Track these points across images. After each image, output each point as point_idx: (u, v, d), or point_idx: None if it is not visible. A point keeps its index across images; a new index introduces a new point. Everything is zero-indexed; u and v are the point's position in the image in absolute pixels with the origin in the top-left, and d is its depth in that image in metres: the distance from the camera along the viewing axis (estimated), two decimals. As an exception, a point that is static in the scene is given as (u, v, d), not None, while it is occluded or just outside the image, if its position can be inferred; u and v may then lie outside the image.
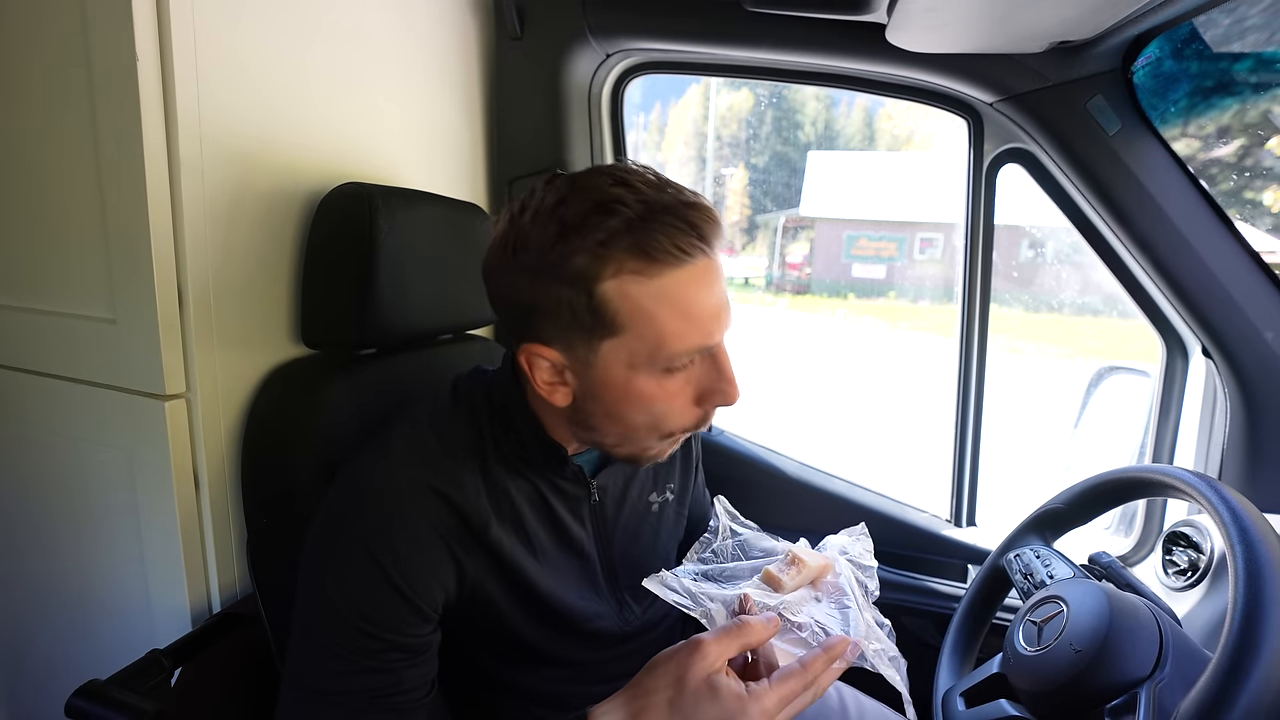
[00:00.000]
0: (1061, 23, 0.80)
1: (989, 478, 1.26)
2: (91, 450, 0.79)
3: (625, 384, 0.59)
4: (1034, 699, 0.65)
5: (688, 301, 0.56)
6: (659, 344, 0.57)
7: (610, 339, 0.57)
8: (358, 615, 0.57)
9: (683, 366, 0.59)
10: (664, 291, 0.55)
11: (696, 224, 0.56)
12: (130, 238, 0.69)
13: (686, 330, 0.57)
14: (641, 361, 0.58)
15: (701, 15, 1.05)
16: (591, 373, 0.59)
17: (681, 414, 0.62)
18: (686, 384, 0.60)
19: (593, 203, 0.55)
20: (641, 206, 0.54)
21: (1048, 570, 0.76)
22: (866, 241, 11.13)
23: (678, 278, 0.56)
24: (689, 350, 0.58)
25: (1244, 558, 0.54)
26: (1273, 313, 0.92)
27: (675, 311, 0.56)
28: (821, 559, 0.65)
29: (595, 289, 0.55)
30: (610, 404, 0.60)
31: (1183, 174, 0.94)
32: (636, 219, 0.54)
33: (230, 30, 0.73)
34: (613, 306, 0.56)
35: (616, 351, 0.58)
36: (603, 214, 0.54)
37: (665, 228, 0.54)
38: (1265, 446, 0.95)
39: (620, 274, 0.55)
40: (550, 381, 0.61)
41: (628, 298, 0.55)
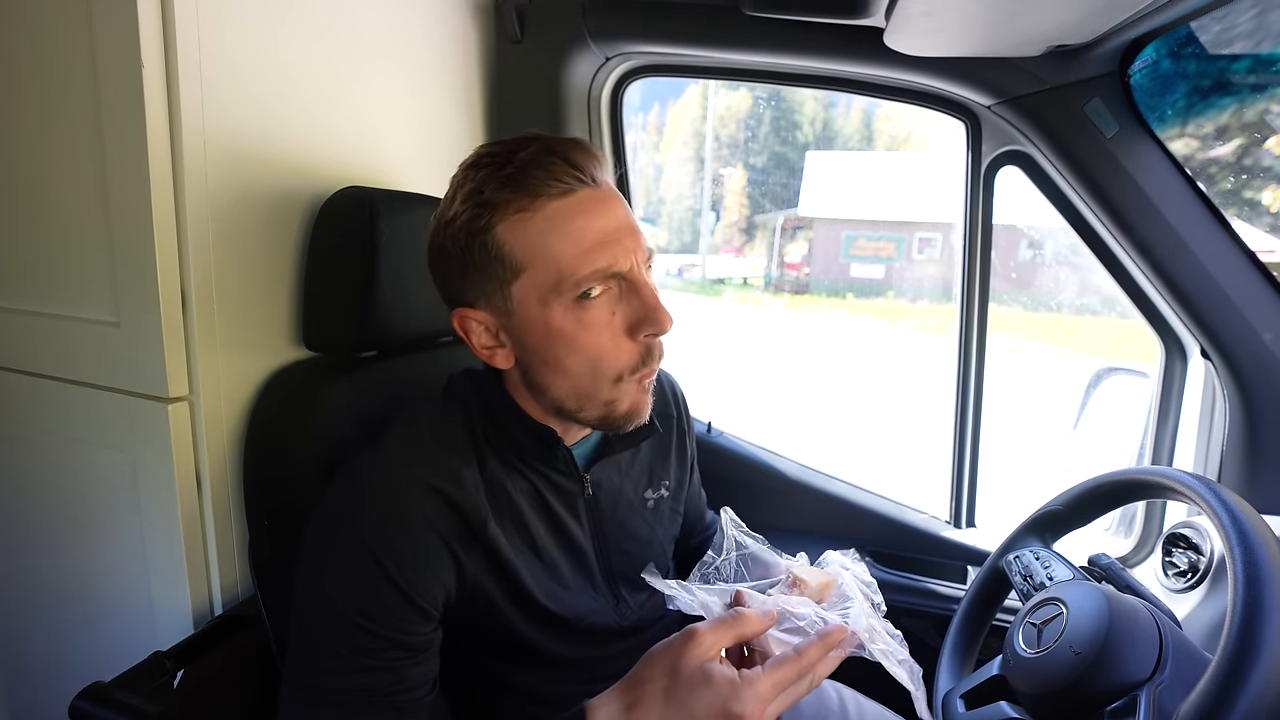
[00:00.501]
0: (1058, 26, 0.81)
1: (990, 479, 1.26)
2: (94, 453, 0.79)
3: (545, 322, 0.61)
4: (1034, 701, 0.66)
5: (576, 228, 0.59)
6: (557, 272, 0.59)
7: (516, 281, 0.60)
8: (358, 613, 0.57)
9: (594, 295, 0.60)
10: (549, 222, 0.59)
11: (567, 155, 0.59)
12: (134, 241, 0.69)
13: (580, 254, 0.59)
14: (550, 295, 0.60)
15: (700, 19, 1.05)
16: (514, 320, 0.62)
17: (617, 350, 0.62)
18: (609, 316, 0.61)
19: (466, 167, 0.62)
20: (507, 155, 0.60)
21: (1047, 572, 0.76)
22: (865, 241, 11.14)
23: (560, 207, 0.59)
24: (590, 273, 0.59)
25: (1243, 560, 0.54)
26: (1271, 314, 0.92)
27: (565, 238, 0.59)
28: (823, 576, 0.65)
29: (489, 236, 0.59)
30: (542, 350, 0.62)
31: (1180, 176, 0.94)
32: (508, 163, 0.59)
33: (234, 35, 0.73)
34: (507, 247, 0.59)
35: (526, 292, 0.60)
36: (473, 170, 0.61)
37: (534, 164, 0.59)
38: (1264, 448, 0.95)
39: (507, 214, 0.59)
40: (488, 345, 0.64)
41: (518, 236, 0.59)
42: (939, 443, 1.28)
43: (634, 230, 0.62)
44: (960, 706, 0.76)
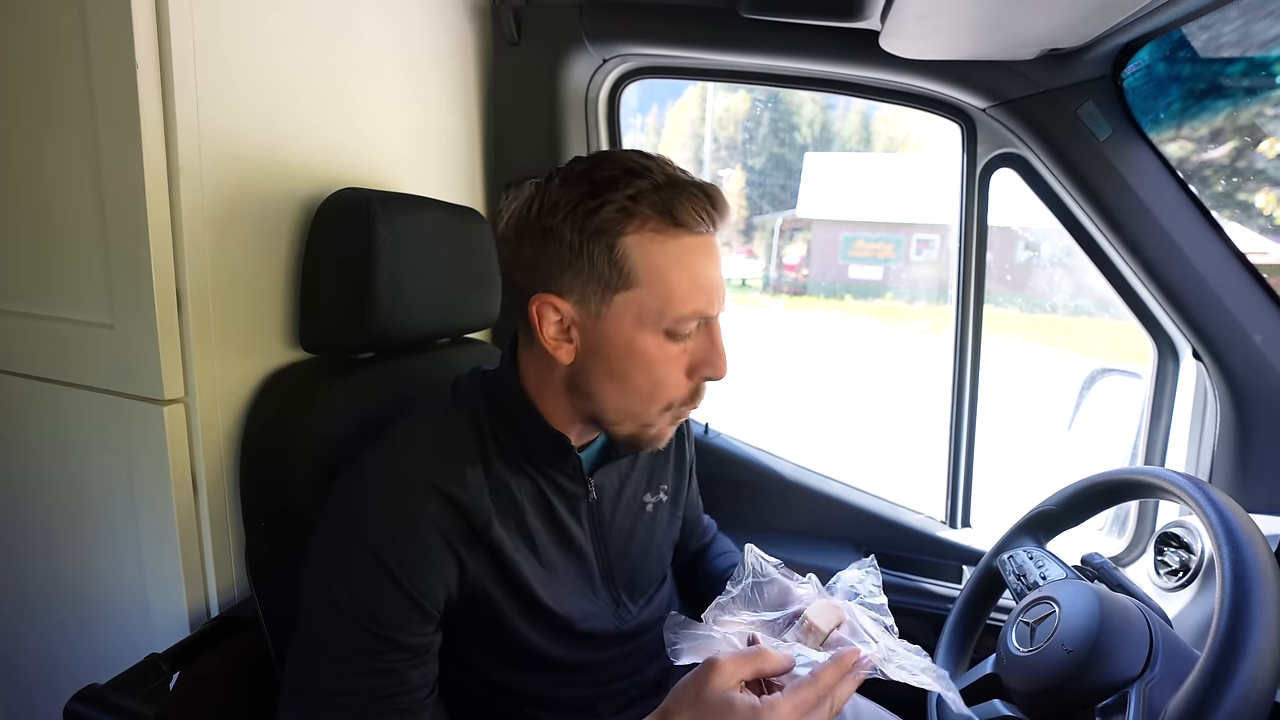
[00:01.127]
0: (1052, 30, 0.81)
1: (987, 479, 1.27)
2: (90, 455, 0.79)
3: (630, 340, 0.62)
4: (1027, 699, 0.66)
5: (697, 268, 0.61)
6: (667, 302, 0.61)
7: (624, 292, 0.61)
8: (364, 615, 0.58)
9: (684, 334, 0.63)
10: (679, 254, 0.60)
11: (713, 198, 0.61)
12: (129, 243, 0.69)
13: (693, 295, 0.61)
14: (649, 319, 0.61)
15: (697, 21, 1.06)
16: (600, 326, 0.62)
17: (676, 383, 0.65)
18: (683, 353, 0.64)
19: (623, 168, 0.60)
20: (665, 176, 0.60)
21: (1041, 571, 0.77)
22: (863, 243, 11.15)
23: (691, 244, 0.61)
24: (693, 314, 0.62)
25: (1231, 559, 0.54)
26: (1261, 316, 0.93)
27: (686, 275, 0.61)
28: (834, 614, 0.65)
29: (618, 242, 0.59)
30: (614, 360, 0.63)
31: (1172, 179, 0.95)
32: (664, 183, 0.60)
33: (229, 36, 0.73)
34: (631, 260, 0.60)
35: (627, 305, 0.61)
36: (633, 175, 0.60)
37: (688, 196, 0.60)
38: (1255, 448, 0.96)
39: (642, 230, 0.59)
40: (556, 337, 0.64)
41: (646, 254, 0.60)
42: (937, 442, 1.28)
43: (723, 281, 0.65)
44: (953, 707, 0.76)
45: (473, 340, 1.03)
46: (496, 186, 1.22)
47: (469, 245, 0.91)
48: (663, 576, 0.84)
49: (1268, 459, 0.95)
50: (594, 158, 0.63)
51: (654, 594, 0.81)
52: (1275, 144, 2.51)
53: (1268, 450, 0.95)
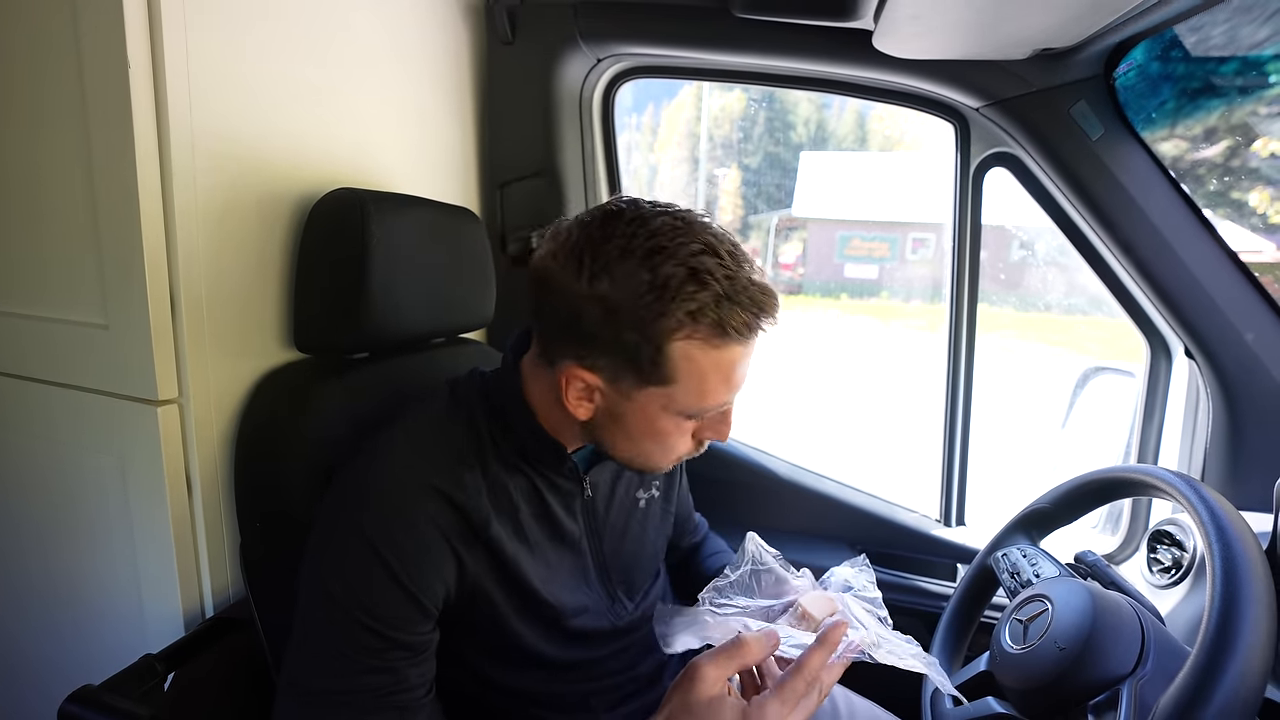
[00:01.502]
0: (1044, 30, 0.82)
1: (983, 477, 1.27)
2: (84, 456, 0.79)
3: (652, 421, 0.63)
4: (1020, 696, 0.66)
5: (735, 371, 0.62)
6: (699, 400, 0.62)
7: (658, 387, 0.61)
8: (364, 612, 0.58)
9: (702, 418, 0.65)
10: (720, 361, 0.60)
11: (768, 310, 0.60)
12: (122, 243, 0.69)
13: (725, 392, 0.63)
14: (675, 408, 0.62)
15: (690, 21, 1.06)
16: (625, 404, 0.63)
17: (685, 446, 0.68)
18: (695, 424, 0.66)
19: (687, 270, 0.57)
20: (727, 283, 0.58)
21: (1034, 569, 0.77)
22: (859, 242, 11.17)
23: (734, 353, 0.61)
24: (717, 406, 0.64)
25: (1221, 555, 0.55)
26: (1253, 314, 0.94)
27: (722, 377, 0.61)
28: (828, 604, 0.66)
29: (665, 345, 0.58)
30: (631, 431, 0.65)
31: (1164, 178, 0.95)
32: (723, 296, 0.57)
33: (222, 36, 0.73)
34: (674, 362, 0.59)
35: (658, 397, 0.62)
36: (695, 284, 0.57)
37: (745, 310, 0.58)
38: (1246, 446, 0.96)
39: (691, 338, 0.58)
40: (579, 398, 0.64)
41: (690, 360, 0.59)
42: (932, 440, 1.28)
43: None
44: (948, 702, 0.77)
45: (467, 340, 1.02)
46: (490, 186, 1.22)
47: (463, 245, 0.90)
48: (656, 572, 0.84)
49: (1259, 457, 0.95)
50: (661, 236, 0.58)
51: (648, 590, 0.81)
52: (1269, 143, 2.53)
53: (1259, 448, 0.95)
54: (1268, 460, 0.93)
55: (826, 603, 0.66)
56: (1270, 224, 3.31)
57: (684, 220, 0.60)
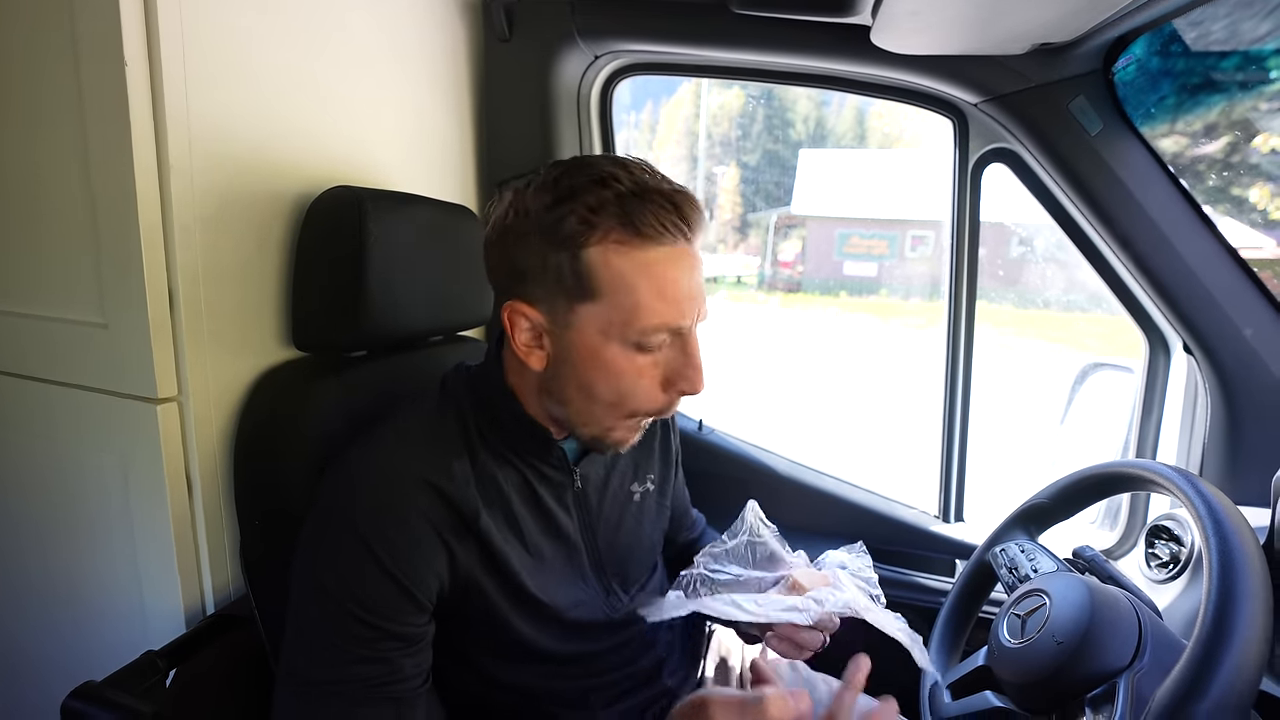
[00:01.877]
0: (1042, 25, 0.82)
1: (982, 473, 1.27)
2: (84, 454, 0.79)
3: (596, 351, 0.62)
4: (1018, 690, 0.67)
5: (664, 279, 0.60)
6: (633, 314, 0.60)
7: (588, 303, 0.60)
8: (356, 604, 0.58)
9: (654, 346, 0.62)
10: (644, 265, 0.59)
11: (682, 208, 0.60)
12: (120, 242, 0.69)
13: (660, 306, 0.60)
14: (615, 331, 0.61)
15: (688, 17, 1.06)
16: (567, 335, 0.62)
17: (647, 395, 0.64)
18: (655, 365, 0.64)
19: (588, 176, 0.59)
20: (633, 184, 0.59)
21: (1032, 564, 0.78)
22: (858, 239, 11.18)
23: (658, 254, 0.59)
24: (660, 326, 0.61)
25: (1218, 550, 0.55)
26: (1252, 310, 0.94)
27: (652, 286, 0.59)
28: (820, 578, 0.67)
29: (581, 253, 0.59)
30: (581, 371, 0.63)
31: (1163, 174, 0.95)
32: (628, 193, 0.58)
33: (219, 34, 0.73)
34: (595, 271, 0.59)
35: (593, 317, 0.61)
36: (597, 185, 0.59)
37: (653, 206, 0.58)
38: (1245, 441, 0.96)
39: (605, 241, 0.58)
40: (528, 344, 0.64)
41: (609, 265, 0.59)
42: (932, 436, 1.29)
43: (703, 291, 0.64)
44: (947, 696, 0.77)
45: (465, 338, 1.03)
46: (488, 184, 1.22)
47: (461, 243, 0.91)
48: (653, 566, 0.84)
49: (1257, 451, 0.95)
50: (568, 163, 0.62)
51: (645, 583, 0.81)
52: (1269, 139, 2.53)
53: (1257, 443, 0.95)
54: (1266, 455, 0.93)
55: (818, 578, 0.67)
56: (1270, 220, 3.31)
57: (601, 155, 0.62)
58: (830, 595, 0.66)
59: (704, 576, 0.70)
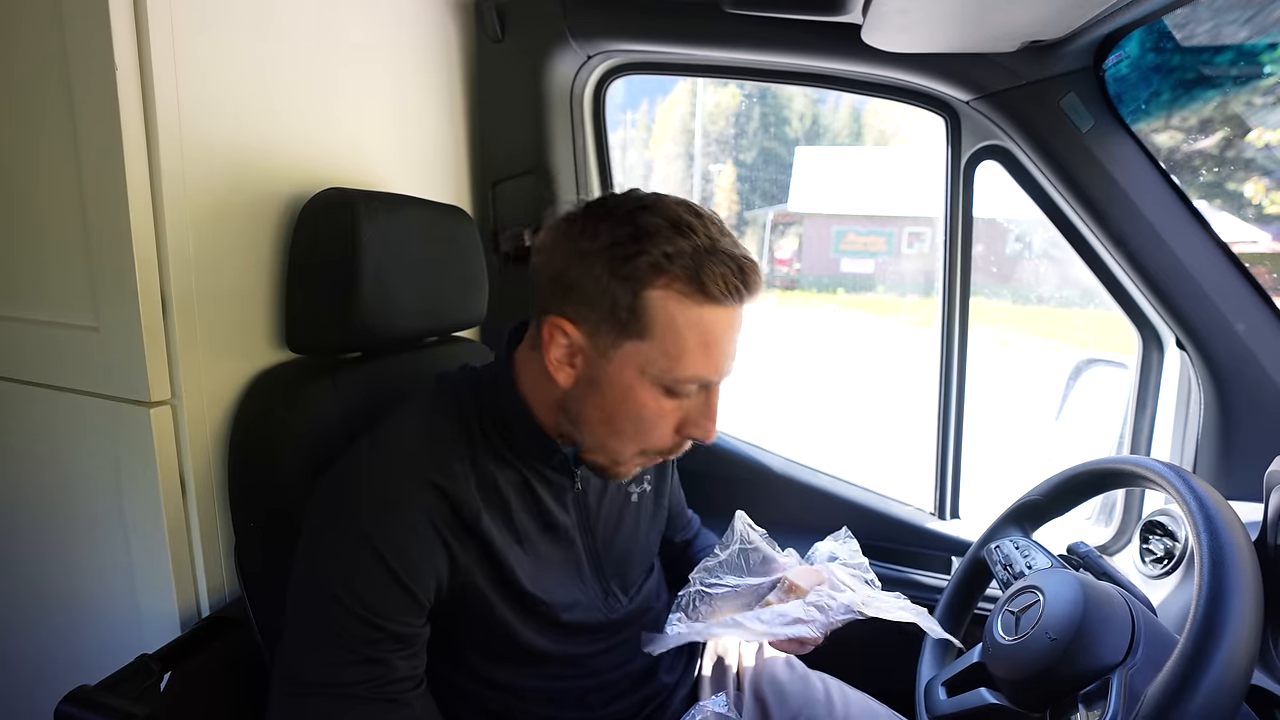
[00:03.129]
0: (1032, 22, 0.82)
1: (981, 470, 1.27)
2: (77, 458, 0.79)
3: (630, 386, 0.63)
4: (1012, 687, 0.67)
5: (714, 337, 0.62)
6: (676, 362, 0.61)
7: (635, 341, 0.61)
8: (357, 603, 0.58)
9: (683, 394, 0.64)
10: (699, 320, 0.61)
11: (748, 274, 0.62)
12: (112, 246, 0.69)
13: (702, 360, 0.62)
14: (652, 373, 0.62)
15: (680, 17, 1.06)
16: (604, 364, 0.63)
17: (662, 436, 0.67)
18: (677, 410, 0.65)
19: (670, 221, 0.60)
20: (709, 241, 0.60)
21: (1026, 561, 0.78)
22: (855, 236, 11.18)
23: (715, 314, 0.61)
24: (696, 378, 0.63)
25: (1209, 545, 0.55)
26: (1244, 305, 0.94)
27: (700, 341, 0.61)
28: (814, 575, 0.68)
29: (643, 292, 0.60)
30: (608, 400, 0.64)
31: (1155, 170, 0.95)
32: (702, 249, 0.60)
33: (210, 38, 0.73)
34: (650, 313, 0.60)
35: (635, 354, 0.62)
36: (675, 233, 0.60)
37: (723, 267, 0.60)
38: (1238, 436, 0.97)
39: (670, 289, 0.60)
40: (560, 360, 0.65)
41: (667, 311, 0.60)
42: (929, 433, 1.29)
43: (738, 349, 0.66)
44: (942, 694, 0.77)
45: (460, 339, 1.03)
46: (482, 184, 1.22)
47: (455, 244, 0.91)
48: (650, 567, 0.85)
49: (1250, 447, 0.96)
50: (647, 199, 0.63)
51: (642, 584, 0.82)
52: (1263, 133, 2.53)
53: (1250, 438, 0.96)
54: (1258, 450, 0.94)
55: (813, 574, 0.68)
56: (1265, 214, 3.32)
57: (679, 201, 0.63)
58: (830, 599, 0.66)
59: (701, 593, 0.70)
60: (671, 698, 0.82)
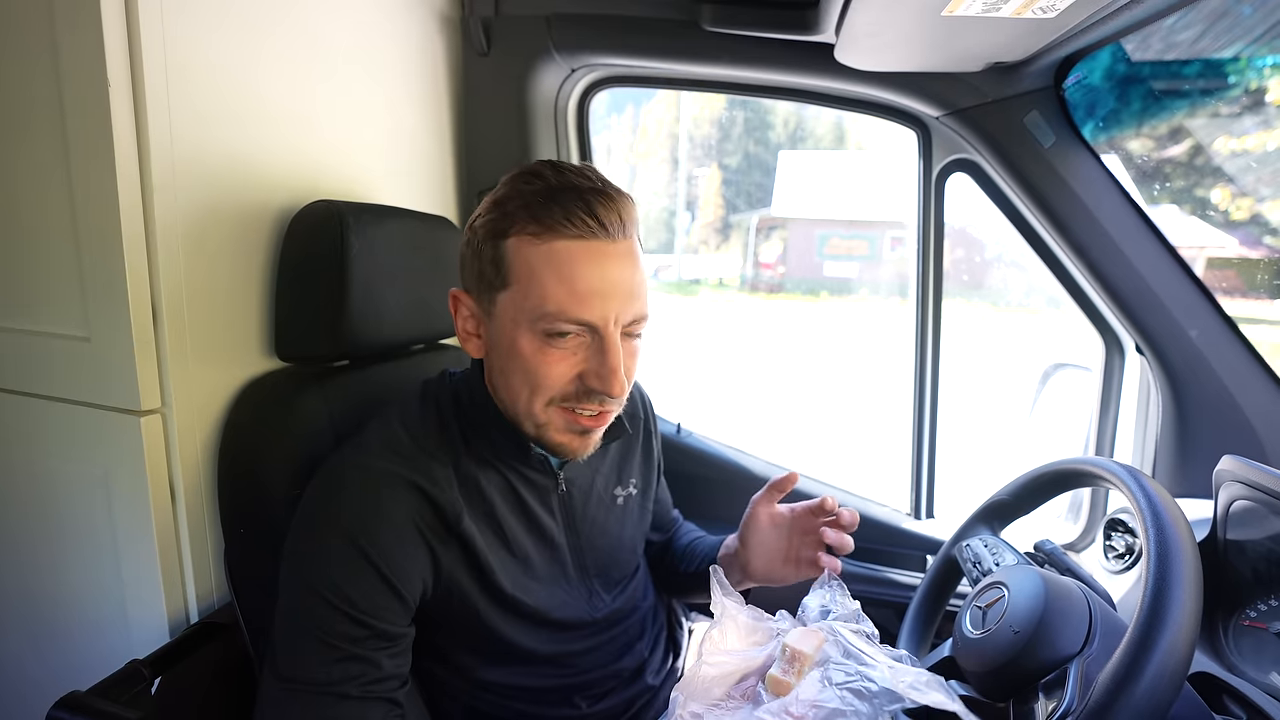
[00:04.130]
0: (993, 46, 0.85)
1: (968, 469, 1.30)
2: (67, 467, 0.80)
3: (511, 338, 0.65)
4: (979, 679, 0.70)
5: (571, 272, 0.62)
6: (539, 303, 0.62)
7: (503, 291, 0.65)
8: (344, 602, 0.59)
9: (562, 335, 0.63)
10: (551, 256, 0.62)
11: (592, 203, 0.62)
12: (103, 257, 0.70)
13: (565, 298, 0.61)
14: (524, 319, 0.63)
15: (662, 34, 1.08)
16: (492, 325, 0.67)
17: (559, 383, 0.65)
18: (568, 358, 0.64)
19: (524, 177, 0.65)
20: (557, 182, 0.63)
21: (995, 558, 0.81)
22: (838, 240, 11.29)
23: (567, 248, 0.62)
24: (566, 318, 0.62)
25: (1155, 539, 0.59)
26: (1196, 312, 0.98)
27: (557, 277, 0.62)
28: (814, 637, 0.63)
29: (501, 243, 0.64)
30: (503, 357, 0.67)
31: (1113, 184, 1.00)
32: (547, 189, 0.63)
33: (201, 54, 0.74)
34: (508, 260, 0.63)
35: (507, 305, 0.65)
36: (523, 183, 0.64)
37: (566, 204, 0.62)
38: (1193, 436, 1.01)
39: (521, 234, 0.63)
40: (465, 330, 0.69)
41: (520, 255, 0.63)
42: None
43: (630, 292, 0.64)
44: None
45: (447, 346, 1.04)
46: (468, 195, 1.24)
47: (441, 253, 0.92)
48: (635, 567, 0.86)
49: (1204, 446, 1.00)
50: (519, 168, 0.67)
51: (627, 584, 0.83)
52: (1229, 141, 2.62)
53: (1204, 438, 1.00)
54: (1212, 449, 0.98)
55: (813, 636, 0.63)
56: (1232, 220, 3.42)
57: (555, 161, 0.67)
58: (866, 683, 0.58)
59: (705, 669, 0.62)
60: (656, 698, 0.84)
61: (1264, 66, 1.72)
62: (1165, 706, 0.52)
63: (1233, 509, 0.77)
